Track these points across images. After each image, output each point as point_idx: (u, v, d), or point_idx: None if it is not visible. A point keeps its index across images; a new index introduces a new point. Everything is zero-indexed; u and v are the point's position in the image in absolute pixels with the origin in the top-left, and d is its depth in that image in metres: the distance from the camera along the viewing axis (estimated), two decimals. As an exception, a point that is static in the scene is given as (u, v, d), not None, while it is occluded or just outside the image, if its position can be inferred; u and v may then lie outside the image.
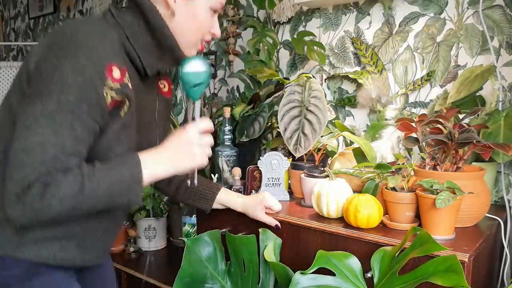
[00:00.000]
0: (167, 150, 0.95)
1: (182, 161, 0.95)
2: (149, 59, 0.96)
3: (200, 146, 0.95)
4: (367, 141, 1.36)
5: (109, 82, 0.85)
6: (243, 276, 1.13)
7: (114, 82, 0.85)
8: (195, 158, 0.95)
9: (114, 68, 0.86)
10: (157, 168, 0.92)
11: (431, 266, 0.85)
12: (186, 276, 1.09)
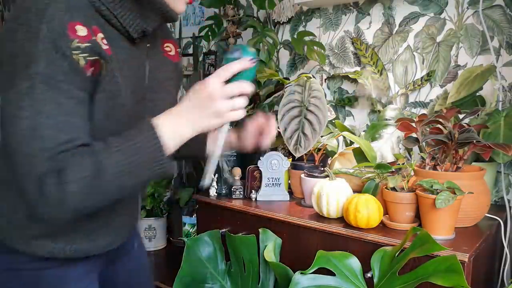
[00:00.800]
0: (187, 109, 0.81)
1: (205, 120, 0.80)
2: (129, 17, 0.84)
3: (225, 99, 0.79)
4: (367, 141, 1.36)
5: (75, 43, 0.73)
6: (243, 276, 1.13)
7: (82, 41, 0.74)
8: (221, 115, 0.80)
9: (78, 27, 0.74)
10: (181, 130, 0.80)
11: (431, 266, 0.85)
12: (186, 276, 1.09)
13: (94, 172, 0.73)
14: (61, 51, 0.72)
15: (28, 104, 0.71)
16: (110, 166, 0.73)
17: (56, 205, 0.72)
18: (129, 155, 0.75)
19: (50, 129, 0.72)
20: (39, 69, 0.71)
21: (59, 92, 0.73)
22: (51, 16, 0.72)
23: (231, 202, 1.36)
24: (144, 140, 0.76)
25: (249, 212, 1.29)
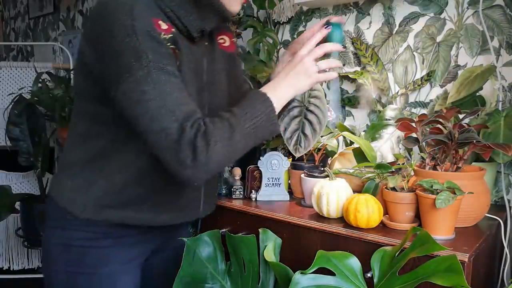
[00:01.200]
0: (285, 72, 0.96)
1: (297, 81, 0.95)
2: (189, 18, 0.95)
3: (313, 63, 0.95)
4: (367, 141, 1.36)
5: (163, 35, 0.87)
6: (243, 276, 1.13)
7: (166, 34, 0.87)
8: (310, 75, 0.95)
9: (160, 22, 0.88)
10: (281, 94, 0.94)
11: (431, 266, 0.85)
12: (186, 276, 1.08)
13: (230, 133, 0.85)
14: (157, 40, 0.85)
15: (150, 88, 0.82)
16: (240, 128, 0.86)
17: (205, 164, 0.83)
18: (252, 118, 0.88)
19: (175, 104, 0.83)
20: (150, 58, 0.83)
21: (168, 74, 0.85)
22: (138, 14, 0.84)
23: (231, 202, 1.36)
24: (261, 105, 0.90)
25: (249, 212, 1.29)
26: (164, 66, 0.84)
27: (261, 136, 0.91)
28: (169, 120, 0.82)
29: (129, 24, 0.83)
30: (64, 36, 3.17)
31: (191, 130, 0.82)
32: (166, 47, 0.87)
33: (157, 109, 0.82)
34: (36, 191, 2.82)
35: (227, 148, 0.85)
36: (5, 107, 2.62)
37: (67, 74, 2.85)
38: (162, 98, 0.82)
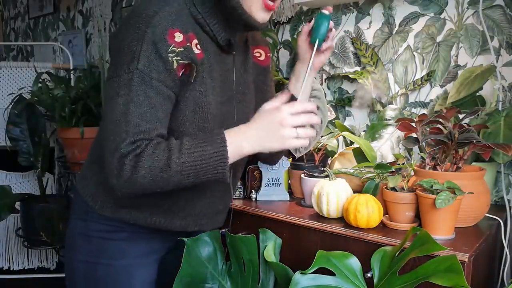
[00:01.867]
0: (256, 127, 0.92)
1: (269, 142, 0.91)
2: (218, 26, 0.96)
3: (292, 128, 0.89)
4: (367, 141, 1.36)
5: (172, 47, 0.88)
6: (243, 276, 1.13)
7: (177, 47, 0.88)
8: (284, 140, 0.90)
9: (177, 34, 0.89)
10: (243, 146, 0.91)
11: (431, 266, 0.85)
12: (186, 276, 1.08)
13: (164, 166, 0.86)
14: (159, 53, 0.87)
15: (125, 93, 0.86)
16: (177, 165, 0.86)
17: (126, 182, 0.87)
18: (196, 159, 0.88)
19: (136, 116, 0.86)
20: (139, 66, 0.86)
21: (150, 87, 0.87)
22: (156, 23, 0.87)
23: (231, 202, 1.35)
24: (212, 150, 0.88)
25: (249, 212, 1.29)
26: (151, 79, 0.87)
27: (203, 178, 0.90)
28: (122, 129, 0.86)
29: (142, 30, 0.87)
30: (64, 36, 3.17)
31: (129, 146, 0.86)
32: (165, 61, 0.88)
33: (119, 115, 0.86)
34: (36, 191, 2.82)
35: (155, 177, 0.87)
36: (5, 107, 2.62)
37: (67, 74, 2.85)
38: (127, 107, 0.86)
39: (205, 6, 0.95)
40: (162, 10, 0.89)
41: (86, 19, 3.00)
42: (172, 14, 0.90)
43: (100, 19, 2.85)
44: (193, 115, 0.95)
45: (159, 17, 0.88)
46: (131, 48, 0.87)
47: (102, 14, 2.84)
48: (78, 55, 3.01)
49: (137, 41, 0.87)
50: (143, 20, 0.87)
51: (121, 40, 0.90)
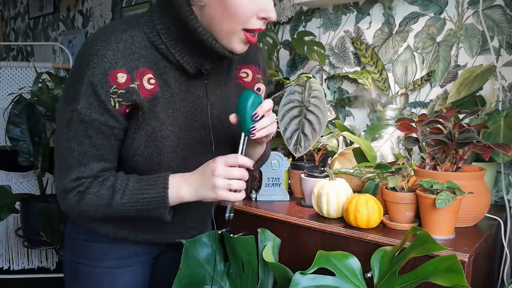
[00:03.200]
0: (196, 176, 0.93)
1: (204, 191, 0.91)
2: (186, 55, 0.90)
3: (224, 179, 0.88)
4: (367, 141, 1.36)
5: (114, 89, 0.85)
6: (242, 277, 1.12)
7: (118, 88, 0.86)
8: (215, 190, 0.89)
9: (120, 74, 0.85)
10: (184, 193, 0.92)
11: (431, 266, 0.85)
12: (184, 278, 1.08)
13: (106, 204, 0.91)
14: (97, 95, 0.85)
15: (67, 130, 0.88)
16: (119, 203, 0.90)
17: (71, 211, 0.94)
18: (137, 201, 0.91)
19: (78, 154, 0.88)
20: (78, 107, 0.86)
21: (91, 127, 0.87)
22: (95, 64, 0.84)
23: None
24: (153, 194, 0.91)
25: (249, 212, 1.29)
26: (91, 120, 0.86)
27: (144, 215, 0.93)
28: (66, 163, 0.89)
29: (82, 71, 0.85)
30: (64, 36, 3.17)
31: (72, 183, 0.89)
32: (105, 104, 0.86)
33: (63, 148, 0.89)
34: (36, 191, 2.82)
35: (97, 211, 0.92)
36: (5, 107, 2.62)
37: (67, 74, 2.85)
38: (69, 145, 0.88)
39: (170, 34, 0.88)
40: (106, 48, 0.84)
41: (86, 19, 3.00)
42: (118, 52, 0.84)
43: (100, 19, 2.85)
44: (146, 149, 0.92)
45: (100, 57, 0.84)
46: (74, 86, 0.87)
47: (102, 14, 2.84)
48: (78, 55, 3.00)
49: (78, 80, 0.86)
50: (86, 59, 0.85)
51: (71, 73, 0.90)
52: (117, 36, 0.86)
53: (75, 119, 0.86)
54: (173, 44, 0.88)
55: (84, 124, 0.86)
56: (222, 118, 1.00)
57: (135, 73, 0.87)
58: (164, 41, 0.88)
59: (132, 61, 0.86)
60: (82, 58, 0.86)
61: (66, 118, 0.88)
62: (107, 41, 0.85)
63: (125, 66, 0.86)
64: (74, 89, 0.86)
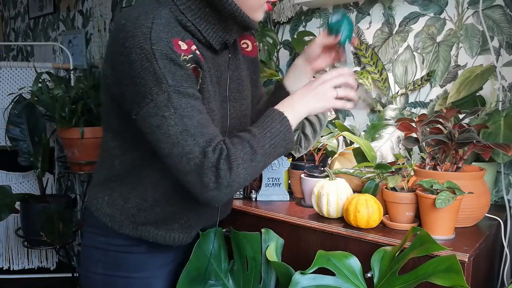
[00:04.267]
0: (302, 92, 0.97)
1: (315, 102, 0.95)
2: (211, 31, 0.94)
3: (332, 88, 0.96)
4: (367, 141, 1.36)
5: (183, 56, 0.86)
6: (246, 275, 1.13)
7: (186, 54, 0.87)
8: (327, 98, 0.96)
9: (180, 42, 0.87)
10: (297, 113, 0.95)
11: (431, 266, 0.85)
12: (192, 270, 1.09)
13: (251, 155, 0.87)
14: (177, 63, 0.84)
15: (171, 113, 0.83)
16: (260, 150, 0.88)
17: (227, 187, 0.85)
18: (271, 138, 0.90)
19: (196, 128, 0.84)
20: (169, 82, 0.83)
21: (188, 97, 0.85)
22: (157, 38, 0.83)
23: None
24: (279, 125, 0.91)
25: (249, 212, 1.29)
26: (185, 89, 0.85)
27: (278, 153, 0.94)
28: (191, 144, 0.83)
29: (148, 48, 0.82)
30: (64, 36, 3.17)
31: (214, 154, 0.84)
32: (186, 68, 0.86)
33: (179, 134, 0.83)
34: (36, 191, 2.82)
35: (249, 170, 0.87)
36: (5, 107, 2.62)
37: (67, 74, 2.85)
38: (183, 123, 0.83)
39: (194, 12, 0.92)
40: (155, 23, 0.84)
41: (86, 19, 3.00)
42: (165, 25, 0.86)
43: (100, 19, 2.85)
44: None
45: (156, 31, 0.84)
46: (148, 70, 0.83)
47: (102, 14, 2.84)
48: (78, 55, 3.01)
49: (149, 61, 0.82)
50: (142, 39, 0.83)
51: (128, 68, 0.84)
52: (154, 14, 0.87)
53: (174, 96, 0.83)
54: (198, 21, 0.92)
55: (183, 96, 0.84)
56: (239, 90, 1.06)
57: (187, 42, 0.90)
58: (190, 19, 0.92)
59: (178, 32, 0.89)
60: (136, 41, 0.83)
61: (163, 102, 0.83)
62: (150, 18, 0.85)
63: (177, 35, 0.88)
64: (150, 70, 0.82)
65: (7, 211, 2.30)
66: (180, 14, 0.91)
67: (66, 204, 2.55)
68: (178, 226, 1.04)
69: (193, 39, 0.93)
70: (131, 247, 1.04)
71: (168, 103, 0.83)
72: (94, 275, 1.05)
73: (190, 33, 0.93)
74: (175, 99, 0.83)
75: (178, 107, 0.83)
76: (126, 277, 1.04)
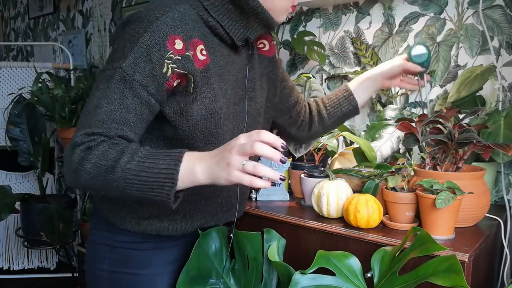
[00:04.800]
0: (213, 153, 0.82)
1: (217, 170, 0.79)
2: (234, 27, 0.95)
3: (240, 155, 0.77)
4: (367, 141, 1.36)
5: (170, 54, 0.87)
6: (247, 274, 1.13)
7: (175, 54, 0.87)
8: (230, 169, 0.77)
9: (177, 40, 0.87)
10: (198, 170, 0.80)
11: (431, 266, 0.85)
12: (193, 269, 1.09)
13: (110, 167, 0.81)
14: (149, 57, 0.85)
15: (103, 87, 0.86)
16: (122, 170, 0.80)
17: (72, 173, 0.84)
18: (143, 170, 0.80)
19: (105, 113, 0.84)
20: (123, 65, 0.85)
21: (129, 88, 0.85)
22: (156, 28, 0.86)
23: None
24: (163, 165, 0.80)
25: (249, 212, 1.29)
26: (132, 80, 0.85)
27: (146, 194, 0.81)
28: (87, 120, 0.85)
29: (140, 33, 0.86)
30: (64, 36, 3.17)
31: (84, 137, 0.84)
32: (154, 66, 0.85)
33: (91, 107, 0.86)
34: (36, 191, 2.82)
35: (98, 176, 0.81)
36: (5, 107, 2.62)
37: (67, 74, 2.85)
38: (100, 102, 0.85)
39: (217, 8, 0.93)
40: (165, 15, 0.87)
41: (86, 19, 3.00)
42: (176, 19, 0.88)
43: (100, 19, 2.85)
44: (205, 123, 0.94)
45: (160, 22, 0.86)
46: (124, 49, 0.86)
47: (102, 14, 2.84)
48: (78, 55, 3.01)
49: (131, 42, 0.86)
50: (143, 25, 0.86)
51: (119, 40, 0.89)
52: (172, 7, 0.89)
53: (116, 77, 0.85)
54: (221, 18, 0.94)
55: (124, 82, 0.85)
56: (254, 89, 1.06)
57: (190, 43, 0.90)
58: (213, 15, 0.93)
59: (187, 30, 0.90)
60: (138, 25, 0.86)
61: (106, 76, 0.86)
62: (164, 10, 0.88)
63: (182, 33, 0.89)
64: (124, 49, 0.86)
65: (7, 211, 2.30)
66: (203, 9, 0.93)
67: (66, 204, 2.55)
68: (180, 216, 1.04)
69: (208, 37, 0.94)
70: (136, 244, 1.04)
71: (108, 79, 0.86)
72: (101, 272, 1.05)
73: (211, 28, 0.94)
74: (114, 80, 0.85)
75: (110, 88, 0.85)
76: (132, 274, 1.04)
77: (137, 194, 0.82)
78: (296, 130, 1.28)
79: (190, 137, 0.94)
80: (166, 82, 0.88)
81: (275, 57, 1.16)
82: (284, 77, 1.21)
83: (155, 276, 1.07)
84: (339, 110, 1.28)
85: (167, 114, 0.93)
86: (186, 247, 1.12)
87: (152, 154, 0.82)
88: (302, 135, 1.30)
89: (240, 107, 1.04)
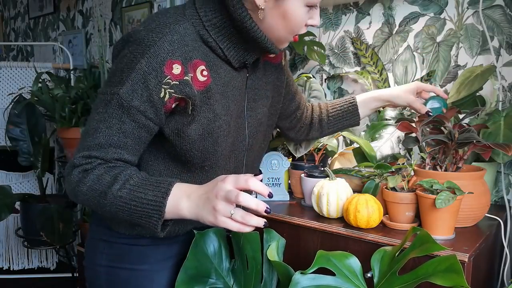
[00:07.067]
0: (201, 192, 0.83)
1: (203, 211, 0.81)
2: (233, 50, 0.95)
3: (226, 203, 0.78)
4: (367, 141, 1.36)
5: (167, 79, 0.87)
6: (247, 274, 1.13)
7: (173, 79, 0.87)
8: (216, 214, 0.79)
9: (175, 65, 0.87)
10: (183, 206, 0.83)
11: (431, 266, 0.85)
12: (191, 268, 1.09)
13: (102, 192, 0.86)
14: (146, 84, 0.86)
15: (102, 112, 0.88)
16: (115, 196, 0.85)
17: (71, 190, 0.90)
18: (132, 199, 0.85)
19: (103, 137, 0.87)
20: (121, 91, 0.86)
21: (127, 114, 0.87)
22: (154, 54, 0.85)
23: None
24: (150, 197, 0.84)
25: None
26: (130, 107, 0.86)
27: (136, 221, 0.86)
28: (86, 142, 0.88)
29: (137, 59, 0.86)
30: (64, 36, 3.17)
31: (82, 160, 0.88)
32: (151, 92, 0.86)
33: (90, 129, 0.89)
34: (36, 191, 2.82)
35: (92, 199, 0.87)
36: (5, 107, 2.62)
37: (67, 74, 2.85)
38: (98, 125, 0.88)
39: (219, 29, 0.92)
40: (163, 39, 0.86)
41: (86, 19, 3.00)
42: (174, 43, 0.87)
43: (100, 19, 2.85)
44: (202, 142, 0.94)
45: (158, 47, 0.85)
46: (122, 74, 0.87)
47: (102, 14, 2.84)
48: (78, 55, 3.01)
49: (129, 68, 0.86)
50: (141, 49, 0.86)
51: (117, 62, 0.90)
52: (171, 28, 0.88)
53: (114, 102, 0.86)
54: (221, 39, 0.93)
55: (122, 109, 0.86)
56: (255, 99, 1.06)
57: (189, 65, 0.89)
58: (212, 36, 0.92)
59: (186, 52, 0.89)
60: (136, 48, 0.86)
61: (105, 100, 0.88)
62: (163, 33, 0.87)
63: (180, 57, 0.88)
64: (122, 74, 0.87)
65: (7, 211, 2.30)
66: (203, 29, 0.92)
67: (66, 204, 2.55)
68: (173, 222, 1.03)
69: (209, 55, 0.93)
70: (133, 240, 1.05)
71: (106, 104, 0.87)
72: (99, 267, 1.06)
73: (211, 48, 0.93)
74: (113, 105, 0.87)
75: (108, 113, 0.87)
76: (130, 269, 1.05)
77: (128, 219, 0.87)
78: (294, 134, 1.30)
79: (188, 155, 0.95)
80: (164, 106, 0.89)
81: (281, 63, 1.15)
82: (288, 82, 1.20)
83: (153, 271, 1.07)
84: (340, 122, 1.29)
85: (166, 133, 0.94)
86: (184, 244, 1.12)
87: (143, 182, 0.86)
88: (299, 138, 1.32)
89: (242, 119, 1.03)
